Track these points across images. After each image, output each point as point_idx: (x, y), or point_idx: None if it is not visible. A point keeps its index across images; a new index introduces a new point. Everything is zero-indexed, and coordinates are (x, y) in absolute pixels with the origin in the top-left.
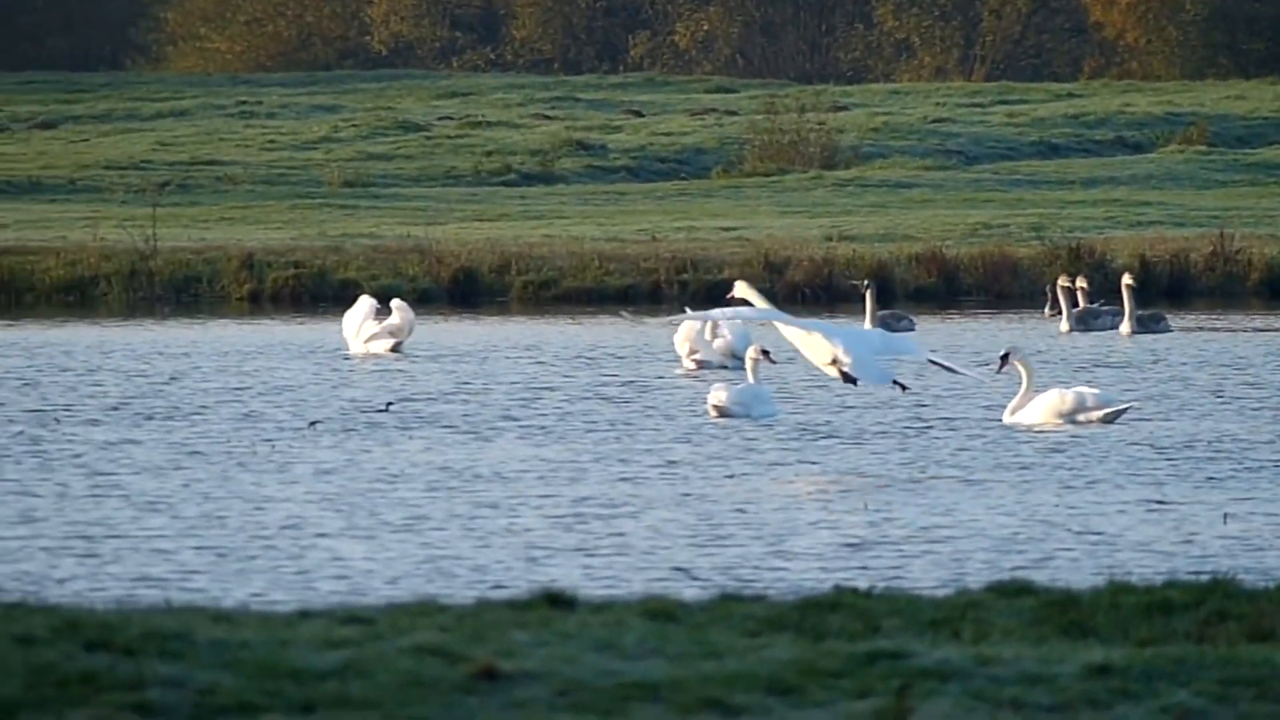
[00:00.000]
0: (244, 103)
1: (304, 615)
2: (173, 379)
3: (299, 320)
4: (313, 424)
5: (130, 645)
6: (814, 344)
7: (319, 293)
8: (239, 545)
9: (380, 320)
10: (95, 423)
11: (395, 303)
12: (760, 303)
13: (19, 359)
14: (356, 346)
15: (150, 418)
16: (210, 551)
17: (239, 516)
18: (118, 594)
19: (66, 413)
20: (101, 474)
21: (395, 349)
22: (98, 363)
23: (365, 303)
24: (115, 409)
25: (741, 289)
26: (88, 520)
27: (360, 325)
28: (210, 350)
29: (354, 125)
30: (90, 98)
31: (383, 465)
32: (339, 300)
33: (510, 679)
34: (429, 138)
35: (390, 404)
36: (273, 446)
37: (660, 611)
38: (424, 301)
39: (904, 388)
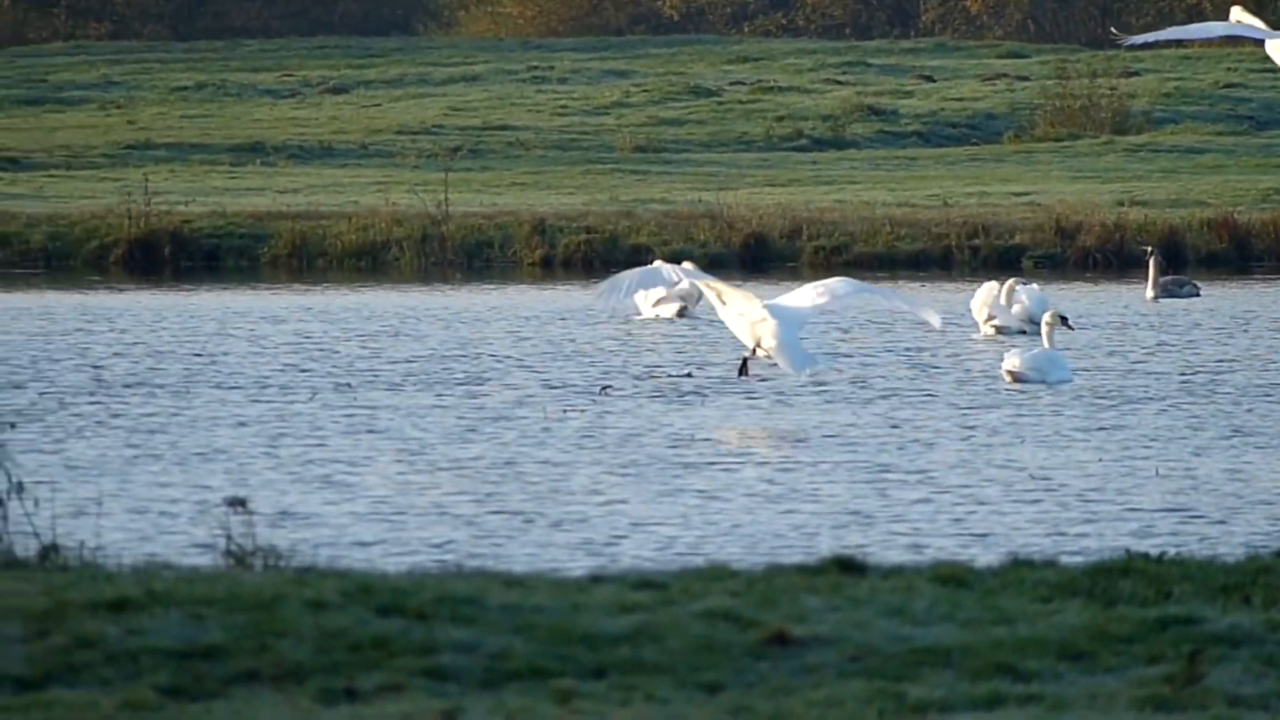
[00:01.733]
0: (536, 68)
1: (596, 580)
2: (469, 344)
3: (591, 285)
4: (604, 389)
5: (422, 610)
6: (742, 324)
7: (610, 258)
8: (533, 510)
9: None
10: (396, 388)
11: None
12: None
13: (316, 324)
14: (646, 311)
15: (450, 382)
16: (505, 516)
17: (533, 481)
18: (414, 559)
19: (369, 377)
20: (402, 439)
21: (681, 314)
22: (396, 328)
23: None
24: (415, 374)
25: (686, 270)
26: (387, 485)
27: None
28: (505, 315)
29: (645, 90)
30: (382, 62)
31: (677, 430)
32: (630, 265)
33: (801, 644)
34: (720, 103)
35: (690, 372)
36: (564, 411)
37: (951, 577)
38: (715, 266)
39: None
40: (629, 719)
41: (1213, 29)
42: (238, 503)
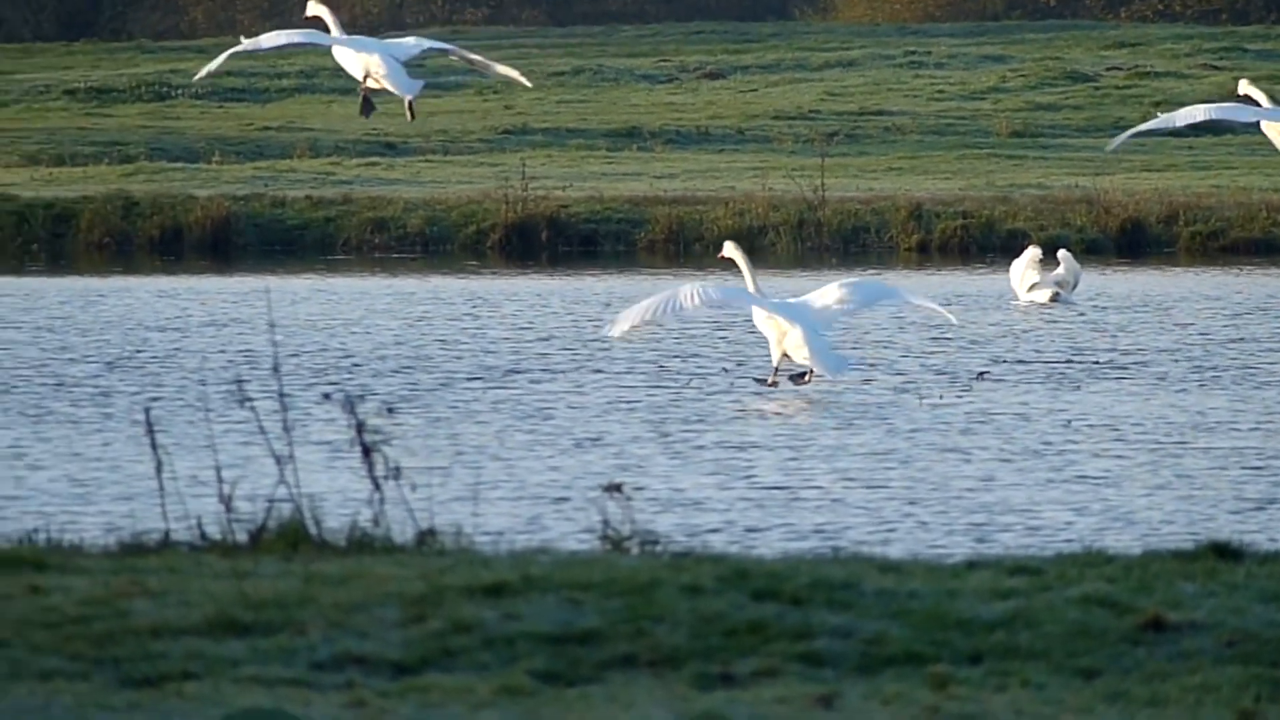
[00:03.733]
0: (912, 53)
1: (971, 565)
2: (846, 328)
3: (967, 270)
4: (980, 375)
5: (798, 595)
6: (773, 328)
7: (986, 243)
8: (911, 496)
9: (1046, 270)
10: (765, 370)
11: (1061, 253)
12: (745, 267)
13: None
14: (1022, 297)
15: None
16: (884, 501)
17: (908, 467)
18: (790, 544)
19: (752, 362)
20: (783, 423)
21: (1055, 299)
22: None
23: (1030, 252)
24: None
25: (729, 249)
26: (772, 470)
27: (1023, 274)
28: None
29: (1022, 75)
30: (759, 48)
31: (1054, 415)
32: (1006, 250)
33: (1177, 629)
34: (1097, 88)
35: (1098, 362)
36: (940, 397)
37: None
38: (1091, 252)
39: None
40: (1005, 705)
41: (1195, 114)
42: (615, 487)
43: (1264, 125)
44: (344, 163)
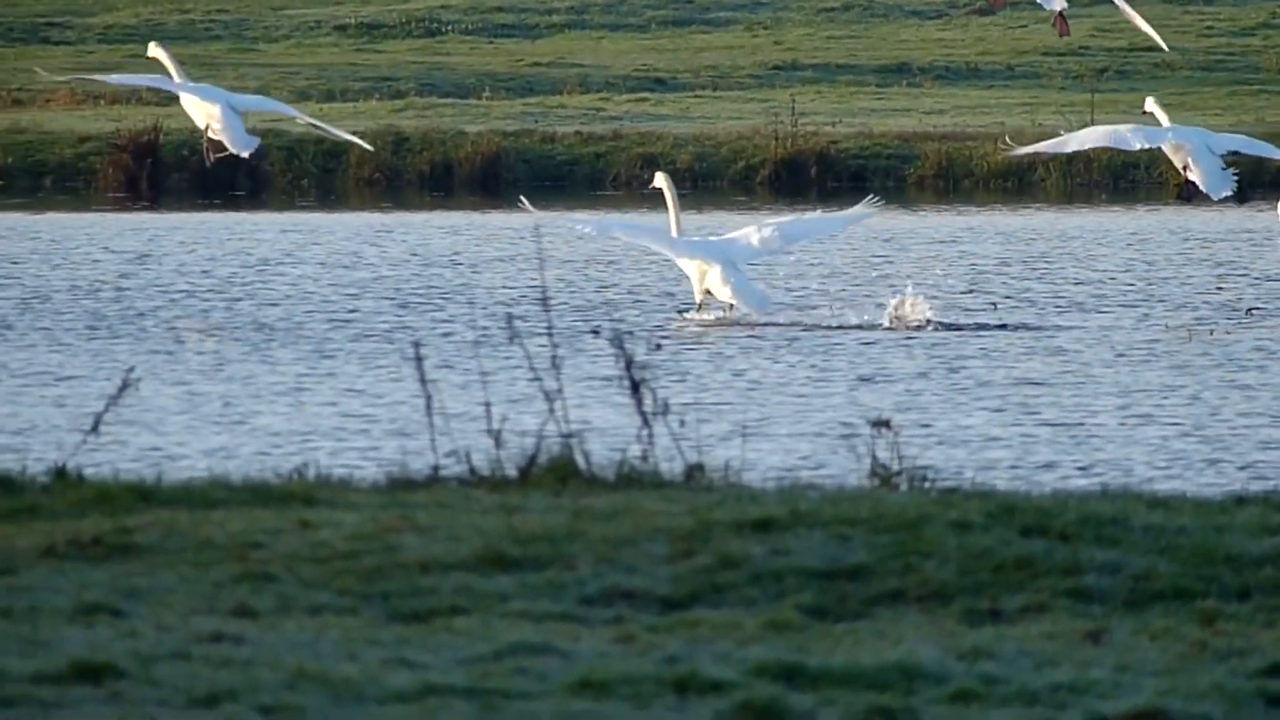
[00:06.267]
0: None
1: (1240, 501)
2: (1124, 265)
3: (1236, 207)
4: (1250, 311)
5: (1066, 530)
6: (693, 267)
7: (1256, 180)
8: (1174, 433)
9: None
10: (1060, 310)
11: None
12: (671, 202)
13: (968, 245)
14: None
15: (1102, 304)
16: (1154, 437)
17: (1177, 404)
18: (1059, 480)
19: (1021, 300)
20: (1071, 363)
21: None
22: (1030, 250)
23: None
24: (1067, 296)
25: (659, 180)
26: (1052, 407)
27: None
28: (1151, 236)
29: None
30: None
31: None
32: (1276, 187)
33: None
34: None
35: (1251, 309)
36: (1210, 332)
37: None
38: None
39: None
40: (1274, 640)
41: (1096, 136)
42: (884, 423)
43: (1164, 146)
44: (613, 98)
